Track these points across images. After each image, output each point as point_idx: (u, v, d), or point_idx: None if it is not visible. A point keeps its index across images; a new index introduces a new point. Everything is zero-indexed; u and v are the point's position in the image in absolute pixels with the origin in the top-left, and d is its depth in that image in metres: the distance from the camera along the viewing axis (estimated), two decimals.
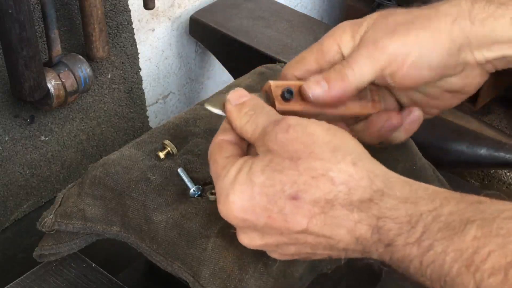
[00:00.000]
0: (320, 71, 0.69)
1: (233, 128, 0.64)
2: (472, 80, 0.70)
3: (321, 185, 0.56)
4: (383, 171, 0.58)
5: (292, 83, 0.68)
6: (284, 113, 0.63)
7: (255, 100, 0.64)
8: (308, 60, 0.71)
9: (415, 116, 0.72)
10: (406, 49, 0.66)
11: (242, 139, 0.64)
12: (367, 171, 0.57)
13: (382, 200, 0.56)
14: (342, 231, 0.57)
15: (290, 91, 0.66)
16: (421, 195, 0.56)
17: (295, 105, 0.67)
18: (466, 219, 0.52)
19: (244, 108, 0.63)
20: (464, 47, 0.67)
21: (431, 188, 0.57)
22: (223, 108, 0.66)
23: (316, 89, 0.67)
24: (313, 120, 0.60)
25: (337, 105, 0.69)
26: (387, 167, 0.60)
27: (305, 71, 0.71)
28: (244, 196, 0.58)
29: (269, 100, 0.67)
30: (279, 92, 0.67)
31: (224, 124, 0.66)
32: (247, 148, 0.65)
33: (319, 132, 0.59)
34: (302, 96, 0.68)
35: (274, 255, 0.63)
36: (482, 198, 0.54)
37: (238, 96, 0.64)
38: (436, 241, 0.52)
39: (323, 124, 0.60)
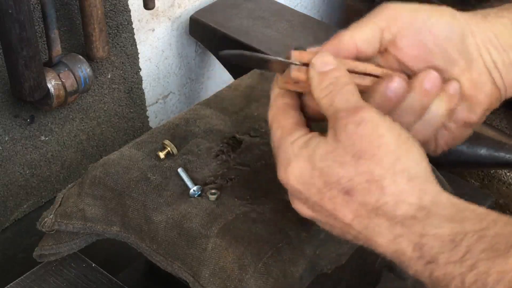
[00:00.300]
0: None
1: (307, 93, 0.63)
2: (482, 87, 0.68)
3: (372, 191, 0.57)
4: (435, 191, 0.58)
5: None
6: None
7: (338, 72, 0.62)
8: None
9: (456, 86, 0.67)
10: (404, 11, 0.67)
11: (303, 105, 0.64)
12: (419, 189, 0.58)
13: (427, 218, 0.56)
14: (382, 240, 0.58)
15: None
16: (468, 215, 0.56)
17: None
18: (511, 242, 0.52)
19: (326, 79, 0.62)
20: (466, 31, 0.67)
21: (480, 209, 0.57)
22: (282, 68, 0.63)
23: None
24: (387, 120, 0.59)
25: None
26: None
27: None
28: (303, 172, 0.60)
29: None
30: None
31: (282, 86, 0.65)
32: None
33: (388, 137, 0.59)
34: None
35: (321, 226, 0.64)
36: None
37: (323, 63, 0.62)
38: (479, 261, 0.52)
39: (395, 128, 0.59)
